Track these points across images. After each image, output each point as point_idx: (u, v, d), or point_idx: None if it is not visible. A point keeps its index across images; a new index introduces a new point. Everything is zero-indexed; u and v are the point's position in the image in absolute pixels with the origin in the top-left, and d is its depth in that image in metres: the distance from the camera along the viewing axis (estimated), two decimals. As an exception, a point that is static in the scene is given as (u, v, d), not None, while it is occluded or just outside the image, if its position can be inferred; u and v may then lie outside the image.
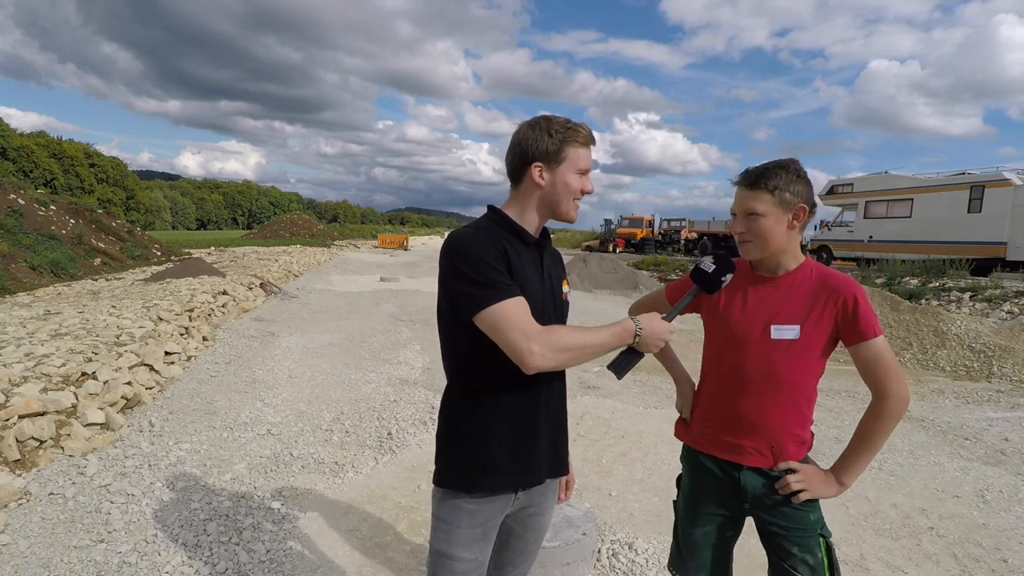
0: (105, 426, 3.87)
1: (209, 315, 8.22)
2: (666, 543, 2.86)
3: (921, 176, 18.64)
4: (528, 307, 1.31)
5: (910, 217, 18.20)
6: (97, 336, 5.58)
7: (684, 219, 35.05)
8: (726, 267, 1.53)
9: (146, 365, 5.08)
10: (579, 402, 5.21)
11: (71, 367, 4.37)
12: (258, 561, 2.64)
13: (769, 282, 1.55)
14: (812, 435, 1.59)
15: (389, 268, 21.00)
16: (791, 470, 1.51)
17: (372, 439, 4.20)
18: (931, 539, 3.09)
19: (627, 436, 4.42)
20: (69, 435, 3.56)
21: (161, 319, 6.80)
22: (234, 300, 9.73)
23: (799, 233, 1.53)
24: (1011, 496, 3.65)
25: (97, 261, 15.61)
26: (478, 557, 1.43)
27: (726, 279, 1.53)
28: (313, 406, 4.86)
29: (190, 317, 7.52)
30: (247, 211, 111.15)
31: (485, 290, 1.27)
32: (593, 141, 1.44)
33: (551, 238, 1.55)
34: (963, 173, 17.53)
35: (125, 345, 5.29)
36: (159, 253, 19.86)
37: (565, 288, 1.53)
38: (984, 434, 4.84)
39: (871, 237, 19.59)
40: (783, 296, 1.52)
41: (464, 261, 1.30)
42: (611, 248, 33.30)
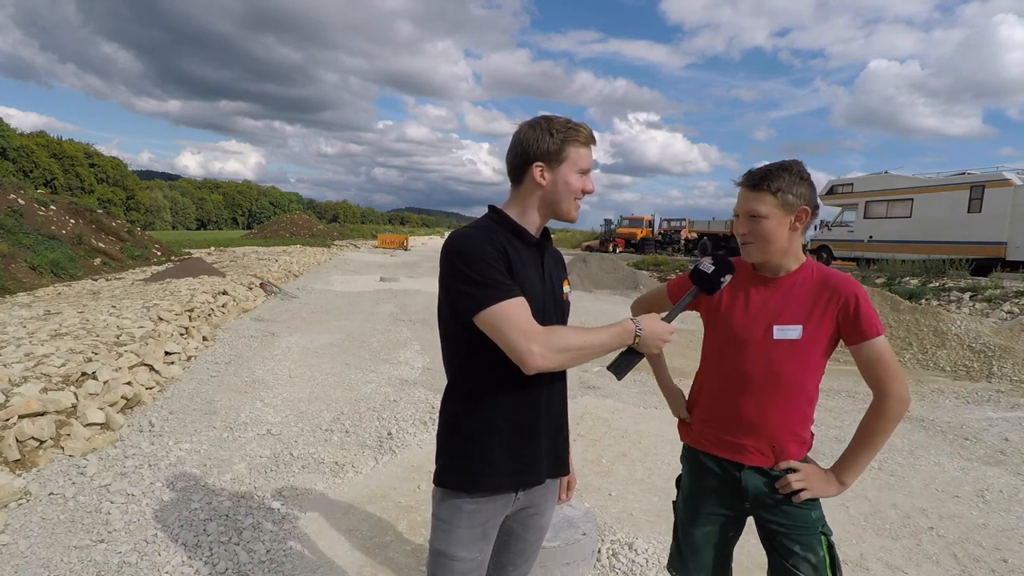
0: (105, 426, 3.87)
1: (209, 315, 8.22)
2: (666, 543, 2.86)
3: (921, 176, 18.64)
4: (528, 307, 1.31)
5: (910, 217, 18.20)
6: (97, 336, 5.58)
7: (684, 219, 35.04)
8: (725, 268, 1.54)
9: (146, 365, 5.08)
10: (579, 402, 5.21)
11: (71, 367, 4.37)
12: (258, 561, 2.64)
13: (771, 283, 1.55)
14: (812, 435, 1.60)
15: (389, 268, 21.00)
16: (792, 469, 1.51)
17: (372, 439, 4.20)
18: (931, 539, 3.09)
19: (627, 436, 4.42)
20: (69, 435, 3.56)
21: (161, 319, 6.80)
22: (234, 300, 9.73)
23: (801, 234, 1.54)
24: (1011, 496, 3.65)
25: (97, 261, 15.61)
26: (478, 557, 1.43)
27: (725, 280, 1.54)
28: (313, 406, 4.86)
29: (190, 317, 7.52)
30: (247, 211, 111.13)
31: (485, 290, 1.27)
32: (594, 141, 1.44)
33: (552, 238, 1.55)
34: (963, 173, 17.52)
35: (125, 345, 5.29)
36: (159, 253, 19.86)
37: (566, 288, 1.53)
38: (984, 434, 4.84)
39: (871, 237, 19.59)
40: (785, 297, 1.52)
41: (464, 261, 1.30)
42: (611, 248, 33.29)
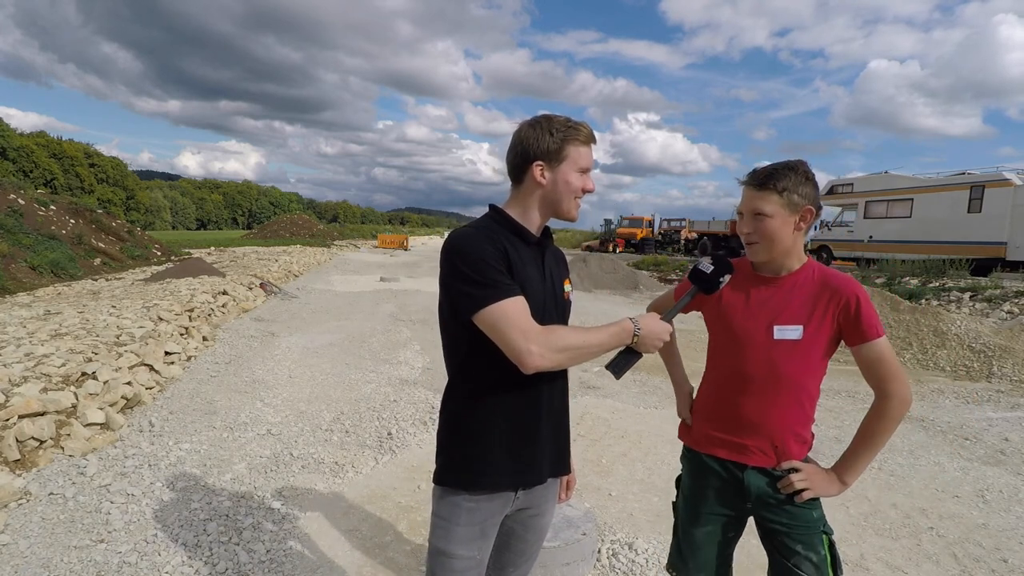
0: (105, 426, 3.87)
1: (209, 315, 8.22)
2: (666, 543, 2.86)
3: (921, 176, 18.64)
4: (527, 307, 1.31)
5: (910, 217, 18.20)
6: (97, 336, 5.58)
7: (684, 219, 35.05)
8: (724, 268, 1.54)
9: (146, 365, 5.08)
10: (579, 402, 5.21)
11: (71, 367, 4.37)
12: (258, 561, 2.64)
13: (772, 282, 1.56)
14: (813, 435, 1.60)
15: (389, 268, 21.00)
16: (794, 469, 1.51)
17: (372, 439, 4.20)
18: (931, 539, 3.09)
19: (627, 436, 4.42)
20: (69, 435, 3.56)
21: (161, 319, 6.80)
22: (234, 300, 9.73)
23: (804, 235, 1.54)
24: (1011, 496, 3.65)
25: (97, 261, 15.61)
26: (476, 555, 1.43)
27: (724, 280, 1.54)
28: (313, 406, 4.86)
29: (190, 317, 7.52)
30: (247, 211, 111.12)
31: (485, 290, 1.27)
32: (594, 140, 1.45)
33: (553, 237, 1.55)
34: (963, 173, 17.53)
35: (125, 345, 5.29)
36: (159, 253, 19.86)
37: (567, 287, 1.53)
38: (984, 434, 4.84)
39: (871, 237, 19.59)
40: (785, 296, 1.52)
41: (464, 260, 1.30)
42: (611, 248, 33.29)
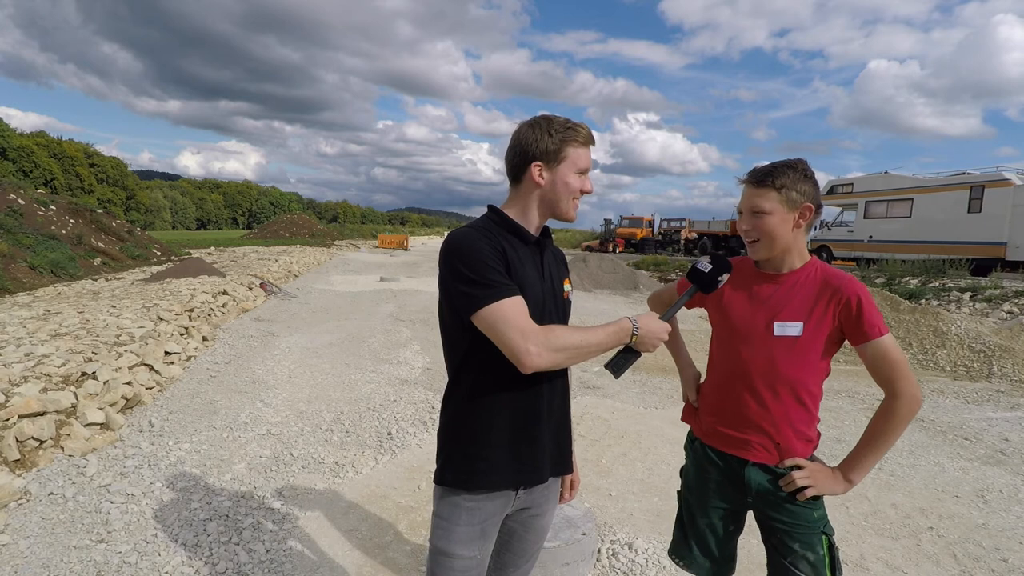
0: (105, 426, 3.87)
1: (209, 315, 8.22)
2: (666, 543, 2.85)
3: (921, 176, 18.64)
4: (526, 307, 1.31)
5: (910, 217, 18.20)
6: (97, 336, 5.58)
7: (684, 219, 35.05)
8: (723, 267, 1.54)
9: (146, 365, 5.08)
10: (579, 402, 5.20)
11: (71, 367, 4.37)
12: (258, 561, 2.64)
13: (773, 279, 1.56)
14: (819, 434, 1.59)
15: (389, 268, 21.00)
16: (797, 467, 1.51)
17: (372, 439, 4.20)
18: (931, 539, 3.09)
19: (627, 436, 4.42)
20: (69, 435, 3.56)
21: (161, 319, 6.80)
22: (234, 300, 9.73)
23: (805, 232, 1.54)
24: (1011, 496, 3.65)
25: (97, 261, 15.61)
26: (476, 555, 1.43)
27: (722, 279, 1.54)
28: (313, 406, 4.86)
29: (190, 317, 7.52)
30: (247, 211, 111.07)
31: (483, 290, 1.28)
32: (592, 141, 1.45)
33: (552, 237, 1.55)
34: (963, 173, 17.53)
35: (125, 345, 5.29)
36: (159, 253, 19.86)
37: (567, 287, 1.53)
38: (984, 434, 4.84)
39: (871, 237, 19.60)
40: (786, 293, 1.53)
41: (462, 261, 1.30)
42: (611, 248, 33.30)
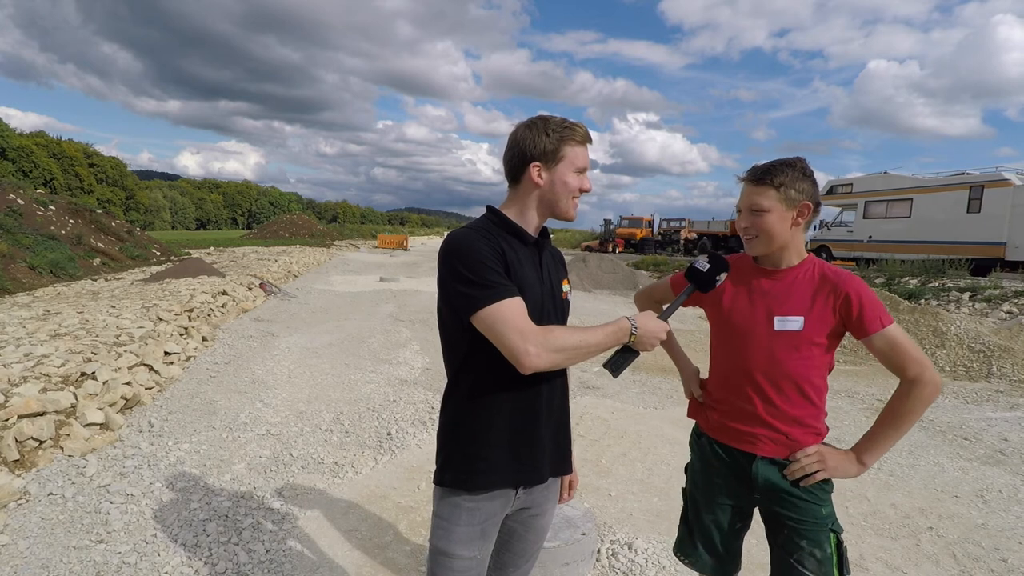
0: (104, 426, 3.87)
1: (209, 315, 8.22)
2: (666, 543, 2.86)
3: (920, 176, 18.65)
4: (525, 307, 1.31)
5: (909, 217, 18.21)
6: (96, 336, 5.58)
7: (684, 219, 35.06)
8: (720, 266, 1.55)
9: (145, 365, 5.08)
10: (579, 402, 5.20)
11: (70, 367, 4.37)
12: (258, 561, 2.64)
13: (772, 275, 1.57)
14: (827, 427, 1.59)
15: (389, 268, 21.00)
16: (806, 454, 1.51)
17: (372, 439, 4.20)
18: (930, 539, 3.09)
19: (627, 436, 4.42)
20: (68, 435, 3.56)
21: (160, 319, 6.80)
22: (234, 300, 9.72)
23: (803, 230, 1.55)
24: (1010, 496, 3.66)
25: (96, 261, 15.60)
26: (477, 555, 1.43)
27: (720, 278, 1.55)
28: (313, 406, 4.86)
29: (189, 317, 7.52)
30: (247, 211, 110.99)
31: (482, 290, 1.28)
32: (590, 140, 1.45)
33: (551, 237, 1.55)
34: (962, 173, 17.53)
35: (124, 345, 5.29)
36: (158, 253, 19.85)
37: (565, 287, 1.53)
38: (983, 434, 4.85)
39: (870, 237, 19.60)
40: (786, 289, 1.54)
41: (461, 262, 1.30)
42: (611, 248, 33.29)
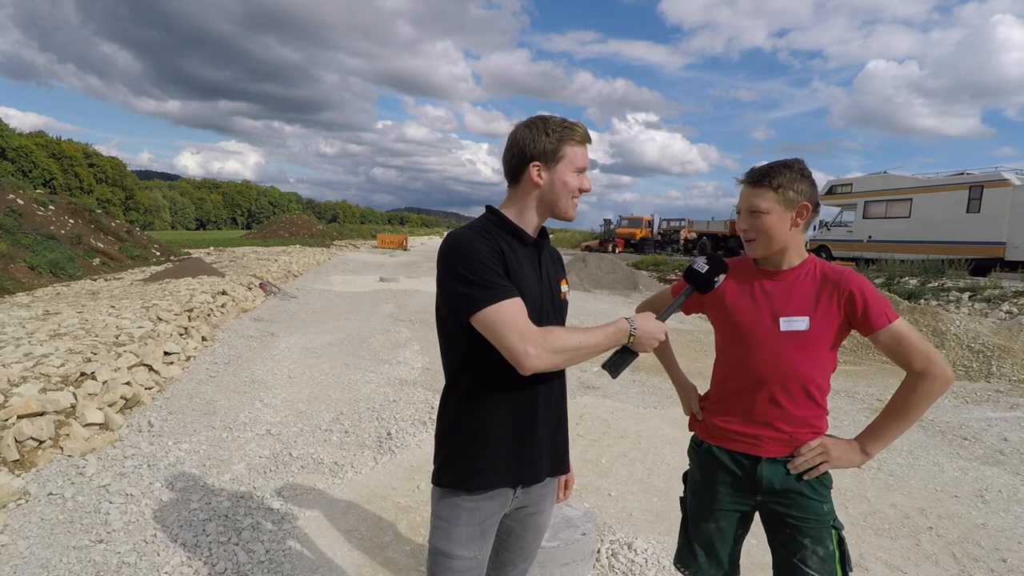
0: (104, 426, 3.87)
1: (208, 315, 8.22)
2: (666, 543, 2.86)
3: (920, 176, 18.66)
4: (524, 308, 1.31)
5: (909, 217, 18.22)
6: (96, 336, 5.58)
7: (683, 219, 35.09)
8: (719, 267, 1.55)
9: (145, 365, 5.07)
10: (579, 402, 5.21)
11: (70, 367, 4.37)
12: (257, 561, 2.64)
13: (774, 276, 1.57)
14: (827, 425, 1.60)
15: (388, 268, 20.99)
16: (810, 447, 1.52)
17: (371, 439, 4.20)
18: (930, 539, 3.09)
19: (627, 436, 4.42)
20: (68, 435, 3.56)
21: (160, 319, 6.80)
22: (233, 300, 9.72)
23: (803, 231, 1.55)
24: (1010, 496, 3.66)
25: (96, 261, 15.60)
26: (477, 555, 1.43)
27: (719, 279, 1.55)
28: (312, 406, 4.86)
29: (189, 317, 7.52)
30: (246, 211, 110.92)
31: (482, 291, 1.28)
32: (589, 139, 1.45)
33: (550, 237, 1.56)
34: (962, 173, 17.54)
35: (124, 345, 5.29)
36: (158, 253, 19.85)
37: (564, 287, 1.53)
38: (983, 434, 4.85)
39: (870, 237, 19.61)
40: (788, 289, 1.54)
41: (461, 262, 1.30)
42: (610, 248, 33.32)
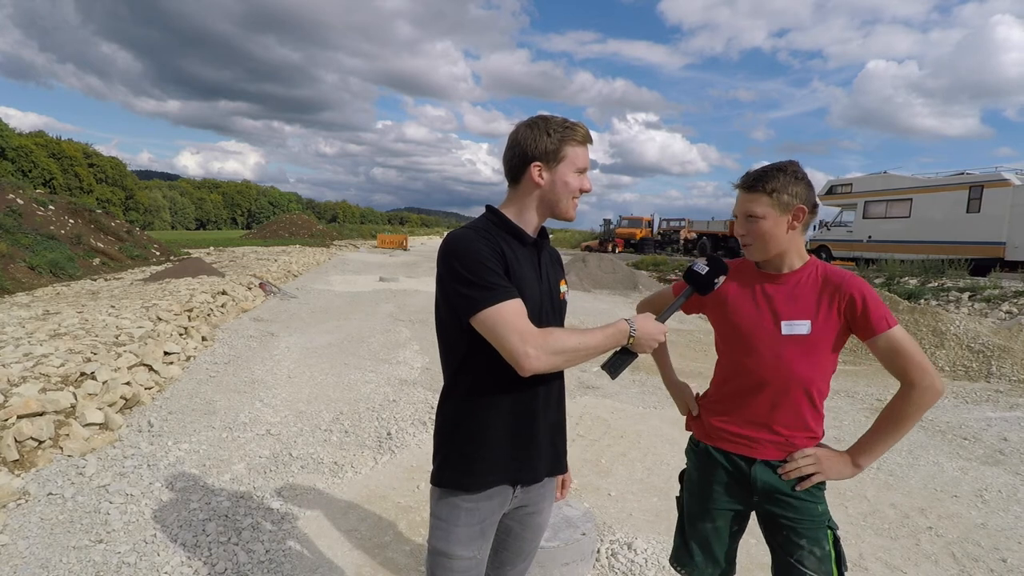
0: (104, 426, 3.87)
1: (208, 315, 8.22)
2: (665, 543, 2.86)
3: (920, 176, 18.67)
4: (524, 309, 1.31)
5: (909, 217, 18.23)
6: (96, 336, 5.58)
7: (683, 219, 35.09)
8: (719, 268, 1.54)
9: (145, 365, 5.07)
10: (579, 402, 5.21)
11: (70, 367, 4.37)
12: (257, 561, 2.64)
13: (776, 279, 1.57)
14: (823, 430, 1.60)
15: (388, 268, 20.99)
16: (803, 455, 1.52)
17: (371, 439, 4.20)
18: (930, 539, 3.09)
19: (626, 436, 4.42)
20: (68, 435, 3.56)
21: (160, 319, 6.80)
22: (233, 300, 9.72)
23: (801, 233, 1.55)
24: (1009, 496, 3.66)
25: (96, 261, 15.59)
26: (476, 555, 1.43)
27: (719, 281, 1.55)
28: (312, 406, 4.86)
29: (189, 317, 7.52)
30: (246, 211, 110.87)
31: (482, 292, 1.28)
32: (590, 140, 1.45)
33: (549, 238, 1.56)
34: (962, 173, 17.55)
35: (124, 345, 5.29)
36: (158, 253, 19.85)
37: (563, 288, 1.54)
38: (983, 434, 4.85)
39: (870, 237, 19.62)
40: (790, 292, 1.54)
41: (461, 263, 1.30)
42: (610, 248, 33.33)
